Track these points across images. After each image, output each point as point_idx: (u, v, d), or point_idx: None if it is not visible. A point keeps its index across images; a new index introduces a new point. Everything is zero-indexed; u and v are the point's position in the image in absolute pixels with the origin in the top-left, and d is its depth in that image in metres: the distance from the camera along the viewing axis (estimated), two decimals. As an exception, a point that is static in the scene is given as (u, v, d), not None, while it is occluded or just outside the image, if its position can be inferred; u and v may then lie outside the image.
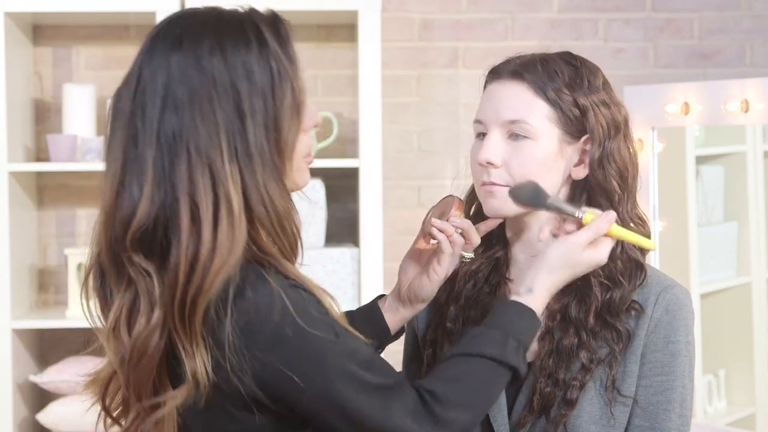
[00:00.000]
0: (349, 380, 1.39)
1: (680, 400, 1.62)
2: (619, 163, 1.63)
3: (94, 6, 3.09)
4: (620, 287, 1.61)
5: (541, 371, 1.60)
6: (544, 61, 1.63)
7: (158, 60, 1.40)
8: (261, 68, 1.40)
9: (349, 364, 1.39)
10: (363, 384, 1.40)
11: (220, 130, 1.37)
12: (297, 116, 1.43)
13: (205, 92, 1.38)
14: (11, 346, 3.07)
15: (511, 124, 1.61)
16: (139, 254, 1.39)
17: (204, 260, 1.35)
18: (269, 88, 1.40)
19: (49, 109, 3.37)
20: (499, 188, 1.61)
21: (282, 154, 1.41)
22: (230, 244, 1.36)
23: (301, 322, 1.37)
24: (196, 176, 1.36)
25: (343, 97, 3.42)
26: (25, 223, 3.25)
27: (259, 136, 1.39)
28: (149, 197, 1.37)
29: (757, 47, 3.47)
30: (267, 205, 1.39)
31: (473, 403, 1.46)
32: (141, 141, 1.38)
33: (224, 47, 1.39)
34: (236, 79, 1.39)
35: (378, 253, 3.08)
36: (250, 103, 1.39)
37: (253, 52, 1.40)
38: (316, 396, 1.39)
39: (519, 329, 1.50)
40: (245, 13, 1.44)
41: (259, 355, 1.36)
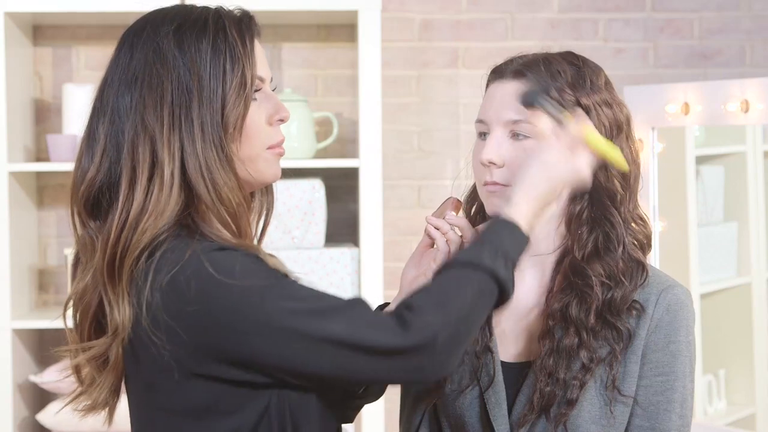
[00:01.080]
0: (300, 314, 1.40)
1: (681, 401, 1.62)
2: (623, 164, 1.64)
3: (94, 6, 3.09)
4: (621, 286, 1.61)
5: (542, 370, 1.60)
6: (547, 61, 1.63)
7: (124, 49, 1.53)
8: (213, 50, 1.48)
9: (291, 301, 1.40)
10: (316, 311, 1.40)
11: (165, 103, 1.47)
12: (242, 97, 1.49)
13: (157, 70, 1.48)
14: (11, 346, 3.07)
15: (513, 124, 1.61)
16: (90, 218, 1.51)
17: (132, 220, 1.45)
18: (220, 69, 1.48)
19: (49, 109, 3.37)
20: (502, 188, 1.61)
21: (225, 129, 1.48)
22: (160, 208, 1.45)
23: (224, 278, 1.40)
24: (137, 145, 1.47)
25: (343, 97, 3.42)
26: (25, 223, 3.24)
27: (203, 111, 1.47)
28: (97, 165, 1.49)
29: (757, 47, 3.47)
30: (205, 175, 1.46)
31: (443, 304, 1.42)
32: (99, 118, 1.51)
33: (180, 30, 1.49)
34: (188, 59, 1.48)
35: (378, 253, 3.08)
36: (199, 80, 1.47)
37: (207, 34, 1.49)
38: (269, 343, 1.39)
39: (498, 238, 1.47)
40: (212, 8, 1.54)
41: (187, 317, 1.41)
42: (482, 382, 1.66)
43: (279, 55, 3.40)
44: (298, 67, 3.40)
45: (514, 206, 1.51)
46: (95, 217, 1.50)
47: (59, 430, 3.15)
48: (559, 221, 1.66)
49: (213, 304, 1.40)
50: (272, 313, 1.39)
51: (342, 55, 3.42)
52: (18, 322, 3.09)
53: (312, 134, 3.21)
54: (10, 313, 3.06)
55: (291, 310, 1.40)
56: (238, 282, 1.40)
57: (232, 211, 1.49)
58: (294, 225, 3.13)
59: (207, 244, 1.44)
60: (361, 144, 3.10)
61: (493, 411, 1.63)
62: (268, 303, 1.39)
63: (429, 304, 1.42)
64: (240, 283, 1.40)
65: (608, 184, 1.63)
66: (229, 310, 1.39)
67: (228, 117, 1.48)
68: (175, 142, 1.46)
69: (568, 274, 1.63)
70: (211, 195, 1.47)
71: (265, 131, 1.53)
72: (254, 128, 1.51)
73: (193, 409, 1.45)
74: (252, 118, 1.51)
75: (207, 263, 1.41)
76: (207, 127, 1.47)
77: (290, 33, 3.40)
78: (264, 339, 1.39)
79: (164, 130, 1.46)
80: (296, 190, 3.13)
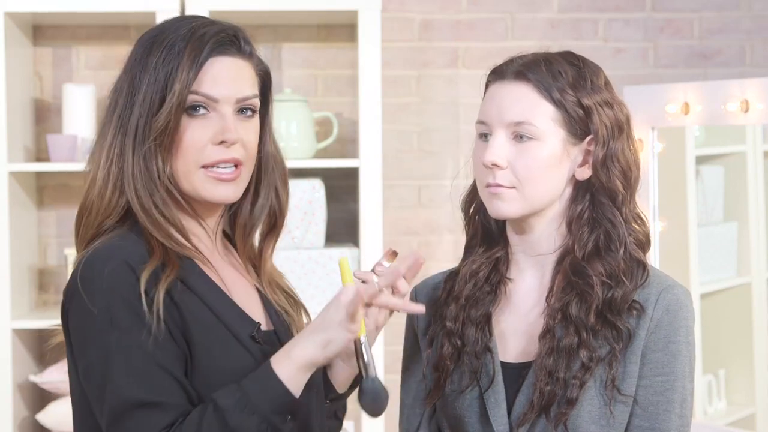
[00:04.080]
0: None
1: (680, 401, 1.62)
2: (623, 164, 1.64)
3: (94, 6, 3.09)
4: (622, 286, 1.61)
5: (542, 369, 1.60)
6: (548, 62, 1.63)
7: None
8: (164, 65, 1.54)
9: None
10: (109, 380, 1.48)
11: (117, 108, 1.57)
12: (171, 112, 1.53)
13: (120, 84, 1.58)
14: (11, 346, 3.07)
15: (516, 126, 1.61)
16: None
17: (78, 212, 1.60)
18: (161, 83, 1.54)
19: (49, 109, 3.37)
20: (505, 190, 1.61)
21: (159, 145, 1.54)
22: (96, 206, 1.57)
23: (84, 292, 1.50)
24: (95, 148, 1.59)
25: (343, 97, 3.42)
26: (25, 223, 3.24)
27: (139, 120, 1.54)
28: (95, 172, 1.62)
29: (757, 47, 3.47)
30: (133, 183, 1.55)
31: None
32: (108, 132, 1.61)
33: (154, 42, 1.56)
34: (142, 69, 1.55)
35: (378, 253, 3.08)
36: (143, 91, 1.54)
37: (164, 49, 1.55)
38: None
39: (251, 383, 1.47)
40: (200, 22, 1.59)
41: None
42: (482, 383, 1.66)
43: (279, 55, 3.40)
44: (298, 67, 3.40)
45: (289, 356, 1.48)
46: None
47: (59, 430, 3.15)
48: (560, 221, 1.66)
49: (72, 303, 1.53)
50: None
51: (342, 55, 3.41)
52: (18, 322, 3.09)
53: (312, 134, 3.21)
54: (10, 313, 3.06)
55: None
56: (95, 304, 1.48)
57: (155, 220, 1.55)
58: (294, 225, 3.13)
59: (113, 244, 1.53)
60: (361, 144, 3.10)
61: (493, 411, 1.63)
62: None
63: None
64: (94, 307, 1.48)
65: (610, 184, 1.63)
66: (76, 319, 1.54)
67: (157, 130, 1.53)
68: (115, 147, 1.56)
69: (569, 273, 1.63)
70: (134, 203, 1.55)
71: (198, 150, 1.55)
72: (187, 145, 1.55)
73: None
74: (189, 135, 1.54)
75: (90, 268, 1.51)
76: (139, 136, 1.54)
77: (290, 33, 3.40)
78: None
79: (109, 134, 1.57)
80: (296, 190, 3.13)
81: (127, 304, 1.47)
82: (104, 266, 1.48)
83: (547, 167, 1.61)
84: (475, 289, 1.69)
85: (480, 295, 1.68)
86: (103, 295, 1.47)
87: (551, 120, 1.61)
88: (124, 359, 1.46)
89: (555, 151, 1.61)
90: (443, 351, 1.68)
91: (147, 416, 1.44)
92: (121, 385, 1.45)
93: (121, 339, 1.46)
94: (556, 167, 1.62)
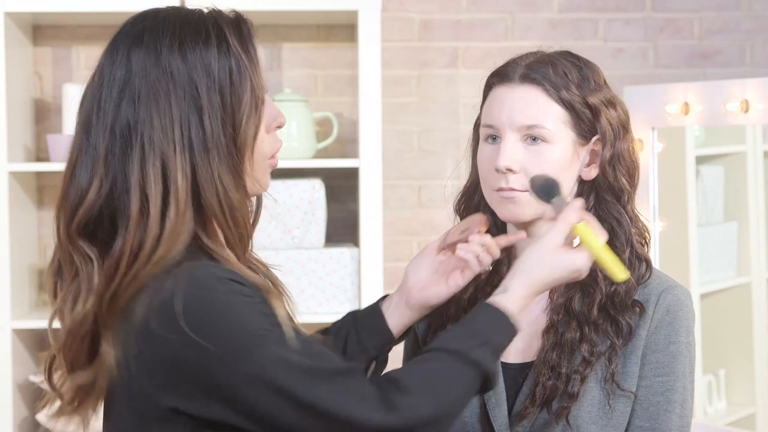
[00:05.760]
0: (285, 366, 1.34)
1: (681, 401, 1.62)
2: (628, 162, 1.65)
3: (94, 6, 3.09)
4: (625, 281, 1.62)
5: (544, 364, 1.60)
6: (553, 63, 1.63)
7: (119, 56, 1.45)
8: (220, 64, 1.42)
9: (284, 351, 1.35)
10: (306, 371, 1.35)
11: (175, 123, 1.39)
12: (256, 112, 1.44)
13: (163, 86, 1.40)
14: (11, 346, 3.07)
15: (528, 129, 1.61)
16: (85, 240, 1.42)
17: (147, 250, 1.37)
18: (227, 83, 1.42)
19: (49, 109, 3.37)
20: (519, 194, 1.61)
21: (241, 150, 1.43)
22: (175, 237, 1.38)
23: (221, 316, 1.35)
24: (147, 167, 1.38)
25: (343, 97, 3.42)
26: (25, 223, 3.24)
27: (216, 129, 1.40)
28: (97, 186, 1.40)
29: (757, 47, 3.47)
30: (221, 196, 1.41)
31: (432, 392, 1.40)
32: (95, 131, 1.42)
33: (184, 43, 1.42)
34: (194, 74, 1.41)
35: (378, 253, 3.08)
36: (208, 97, 1.41)
37: (212, 48, 1.42)
38: (251, 391, 1.34)
39: (489, 328, 1.47)
40: (208, 12, 1.47)
41: (176, 340, 1.34)
42: (482, 383, 1.66)
43: (279, 55, 3.40)
44: (298, 67, 3.40)
45: (510, 296, 1.50)
46: (91, 240, 1.42)
47: (59, 430, 3.15)
48: None
49: (205, 338, 1.34)
50: (262, 364, 1.34)
51: (342, 55, 3.41)
52: (18, 322, 3.09)
53: (312, 134, 3.21)
54: (10, 313, 3.05)
55: (282, 365, 1.34)
56: (234, 322, 1.35)
57: (243, 232, 1.45)
58: (294, 225, 3.13)
59: (215, 271, 1.39)
60: (361, 144, 3.10)
61: (493, 412, 1.63)
62: (260, 352, 1.34)
63: (418, 390, 1.39)
64: (237, 324, 1.35)
65: (617, 183, 1.64)
66: (219, 349, 1.34)
67: (243, 137, 1.42)
68: (187, 165, 1.39)
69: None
70: (227, 217, 1.42)
71: (267, 141, 1.48)
72: (259, 140, 1.46)
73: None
74: (261, 136, 1.46)
75: (209, 293, 1.35)
76: (222, 148, 1.41)
77: (290, 33, 3.40)
78: (246, 388, 1.34)
79: (176, 151, 1.39)
80: (296, 190, 3.13)
81: (259, 316, 1.38)
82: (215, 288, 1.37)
83: (560, 169, 1.61)
84: (476, 292, 1.69)
85: (481, 296, 1.68)
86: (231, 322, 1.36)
87: (561, 122, 1.61)
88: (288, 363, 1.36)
89: (566, 152, 1.61)
90: None
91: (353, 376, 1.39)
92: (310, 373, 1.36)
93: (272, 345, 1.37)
94: (567, 169, 1.62)
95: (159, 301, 1.36)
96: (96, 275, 1.40)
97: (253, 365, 1.34)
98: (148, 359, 1.37)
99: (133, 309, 1.38)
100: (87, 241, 1.42)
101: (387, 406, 1.36)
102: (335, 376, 1.36)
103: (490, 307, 1.49)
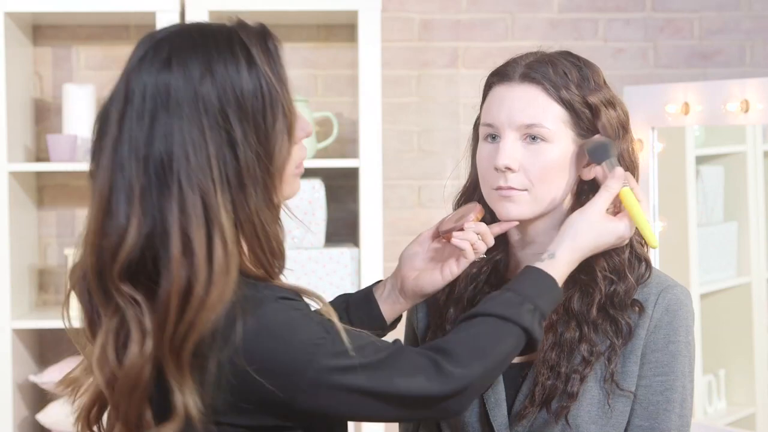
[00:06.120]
0: (348, 371, 1.39)
1: (680, 401, 1.62)
2: (627, 162, 1.65)
3: (94, 6, 3.09)
4: (625, 280, 1.62)
5: (544, 364, 1.60)
6: (553, 63, 1.63)
7: (147, 80, 1.38)
8: (251, 93, 1.39)
9: (339, 358, 1.38)
10: (361, 366, 1.39)
11: (212, 159, 1.36)
12: (289, 138, 1.42)
13: (196, 120, 1.36)
14: (11, 346, 3.07)
15: (527, 128, 1.61)
16: (127, 284, 1.37)
17: (200, 294, 1.34)
18: (260, 113, 1.39)
19: (49, 109, 3.37)
20: (517, 192, 1.61)
21: (273, 178, 1.41)
22: (226, 276, 1.35)
23: (275, 333, 1.37)
24: (187, 208, 1.35)
25: (343, 97, 3.42)
26: (25, 223, 3.24)
27: (251, 163, 1.38)
28: (137, 227, 1.35)
29: (757, 47, 3.47)
30: (259, 232, 1.40)
31: (482, 357, 1.45)
32: (128, 167, 1.37)
33: (214, 71, 1.38)
34: (227, 106, 1.37)
35: (378, 253, 3.08)
36: (242, 130, 1.37)
37: (242, 74, 1.39)
38: (315, 397, 1.38)
39: (535, 293, 1.51)
40: (234, 30, 1.42)
41: (257, 376, 1.36)
42: (482, 383, 1.66)
43: (279, 55, 3.40)
44: (298, 67, 3.40)
45: (557, 261, 1.55)
46: (137, 283, 1.37)
47: (59, 430, 3.15)
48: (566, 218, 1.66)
49: (264, 358, 1.36)
50: (322, 371, 1.37)
51: (342, 55, 3.42)
52: (18, 322, 3.09)
53: (312, 134, 3.21)
54: (10, 313, 3.06)
55: (339, 367, 1.38)
56: (288, 337, 1.37)
57: (282, 261, 1.45)
58: (294, 225, 3.13)
59: (275, 293, 1.40)
60: (361, 144, 3.10)
61: (493, 411, 1.63)
62: (318, 361, 1.37)
63: (467, 354, 1.45)
64: (293, 338, 1.37)
65: None
66: (280, 365, 1.36)
67: (276, 165, 1.40)
68: (228, 203, 1.36)
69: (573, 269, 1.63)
70: (264, 250, 1.41)
71: (296, 153, 1.46)
72: (290, 159, 1.44)
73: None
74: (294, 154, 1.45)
75: (261, 316, 1.37)
76: (258, 181, 1.38)
77: (290, 33, 3.40)
78: (310, 395, 1.38)
79: (217, 190, 1.35)
80: (296, 190, 3.13)
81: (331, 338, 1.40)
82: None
83: (559, 169, 1.61)
84: (475, 292, 1.69)
85: (480, 297, 1.68)
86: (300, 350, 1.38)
87: (561, 121, 1.61)
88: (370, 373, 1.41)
89: (565, 152, 1.61)
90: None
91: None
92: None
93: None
94: (566, 168, 1.62)
95: (226, 337, 1.35)
96: (147, 318, 1.36)
97: (313, 376, 1.37)
98: (231, 393, 1.36)
99: (204, 353, 1.36)
100: (130, 284, 1.37)
101: (439, 375, 1.42)
102: (388, 361, 1.41)
103: (539, 272, 1.54)
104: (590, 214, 1.57)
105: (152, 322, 1.36)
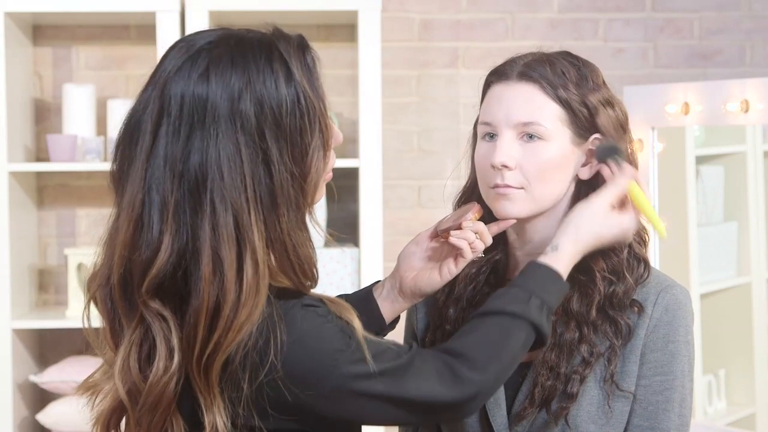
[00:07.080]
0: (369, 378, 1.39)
1: (680, 400, 1.62)
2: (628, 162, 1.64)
3: (94, 6, 3.09)
4: (624, 281, 1.62)
5: (543, 365, 1.60)
6: (551, 62, 1.63)
7: (185, 91, 1.36)
8: (289, 110, 1.37)
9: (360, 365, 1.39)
10: (381, 373, 1.39)
11: (246, 178, 1.34)
12: (325, 156, 1.42)
13: (232, 137, 1.34)
14: (11, 346, 3.07)
15: (524, 126, 1.60)
16: (155, 299, 1.36)
17: (228, 314, 1.33)
18: (297, 131, 1.38)
19: (49, 109, 3.38)
20: (513, 190, 1.61)
21: (306, 196, 1.40)
22: (256, 298, 1.34)
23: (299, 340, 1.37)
24: (220, 227, 1.33)
25: (343, 97, 3.42)
26: (25, 223, 3.25)
27: (285, 183, 1.36)
28: (169, 244, 1.34)
29: (757, 47, 3.47)
30: (290, 252, 1.38)
31: (497, 360, 1.46)
32: (162, 181, 1.35)
33: (253, 86, 1.36)
34: (264, 124, 1.36)
35: (378, 253, 3.08)
36: (278, 148, 1.36)
37: (281, 90, 1.37)
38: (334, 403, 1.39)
39: (541, 287, 1.52)
40: (273, 42, 1.40)
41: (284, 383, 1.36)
42: (481, 382, 1.66)
43: (279, 55, 3.40)
44: (298, 67, 3.40)
45: (560, 254, 1.55)
46: (165, 299, 1.36)
47: (59, 430, 3.15)
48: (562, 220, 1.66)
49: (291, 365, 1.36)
50: (344, 377, 1.38)
51: (342, 55, 3.42)
52: (18, 322, 3.09)
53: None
54: (10, 313, 3.06)
55: (361, 374, 1.38)
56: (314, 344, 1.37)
57: (314, 281, 1.44)
58: (294, 225, 3.13)
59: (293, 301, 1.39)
60: (361, 144, 3.10)
61: (492, 411, 1.63)
62: (340, 368, 1.37)
63: (484, 358, 1.45)
64: (318, 346, 1.37)
65: None
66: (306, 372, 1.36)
67: (310, 184, 1.39)
68: (260, 223, 1.35)
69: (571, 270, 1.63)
70: (291, 259, 1.39)
71: (326, 163, 1.44)
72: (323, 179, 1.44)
73: None
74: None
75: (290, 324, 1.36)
76: (292, 202, 1.37)
77: (290, 33, 3.40)
78: (332, 401, 1.38)
79: (251, 210, 1.34)
80: (296, 190, 3.13)
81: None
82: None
83: (556, 167, 1.61)
84: (475, 292, 1.69)
85: (480, 297, 1.68)
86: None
87: (558, 120, 1.61)
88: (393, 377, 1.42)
89: (562, 150, 1.61)
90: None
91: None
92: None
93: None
94: (563, 167, 1.62)
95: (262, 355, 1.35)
96: (174, 334, 1.35)
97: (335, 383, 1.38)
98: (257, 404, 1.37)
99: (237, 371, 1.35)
100: (158, 300, 1.36)
101: (454, 381, 1.43)
102: (406, 368, 1.41)
103: (543, 267, 1.54)
104: (595, 205, 1.58)
105: (179, 339, 1.35)
